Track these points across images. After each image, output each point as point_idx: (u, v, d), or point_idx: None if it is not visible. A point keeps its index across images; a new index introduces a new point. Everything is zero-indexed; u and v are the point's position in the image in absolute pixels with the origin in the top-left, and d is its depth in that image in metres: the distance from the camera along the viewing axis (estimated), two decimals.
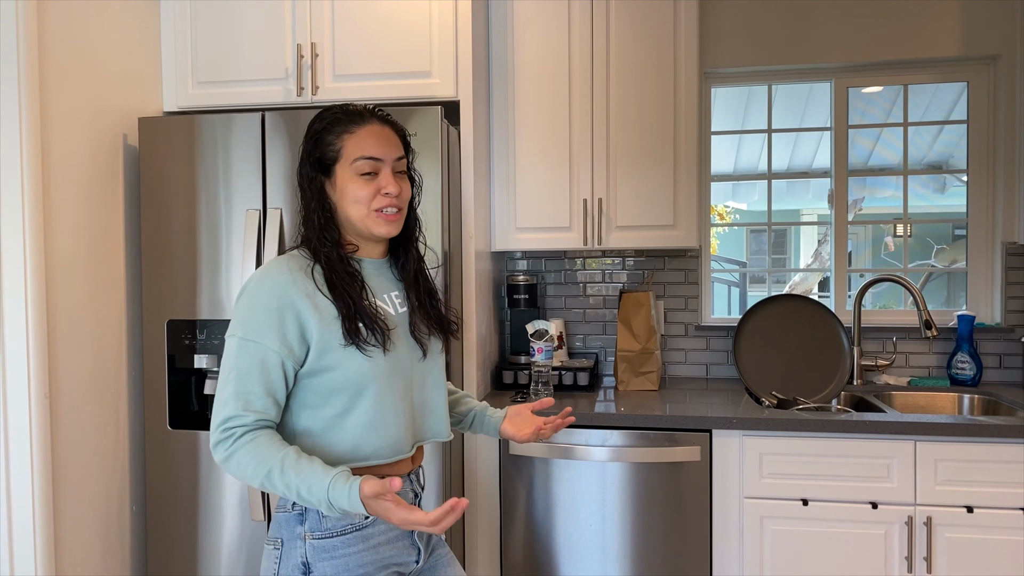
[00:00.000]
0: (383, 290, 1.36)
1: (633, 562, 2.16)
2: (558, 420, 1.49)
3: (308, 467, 1.15)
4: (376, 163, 1.29)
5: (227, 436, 1.19)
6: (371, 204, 1.29)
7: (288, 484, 1.15)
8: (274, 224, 2.09)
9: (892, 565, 2.03)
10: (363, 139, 1.29)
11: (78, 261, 2.01)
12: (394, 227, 1.32)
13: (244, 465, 1.17)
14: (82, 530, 2.01)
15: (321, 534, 1.24)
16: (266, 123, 2.11)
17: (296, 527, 1.25)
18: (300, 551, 1.24)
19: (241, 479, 1.20)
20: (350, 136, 1.29)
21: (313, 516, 1.24)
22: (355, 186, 1.28)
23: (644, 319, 2.54)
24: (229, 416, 1.19)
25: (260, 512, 2.11)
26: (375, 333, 1.26)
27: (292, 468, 1.15)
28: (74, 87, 1.99)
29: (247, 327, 1.21)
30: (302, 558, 1.24)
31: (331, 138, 1.29)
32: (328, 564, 1.23)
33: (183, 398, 2.21)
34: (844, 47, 2.67)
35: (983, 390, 2.49)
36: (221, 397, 1.20)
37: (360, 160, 1.28)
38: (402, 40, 2.22)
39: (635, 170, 2.45)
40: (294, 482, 1.14)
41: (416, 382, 1.36)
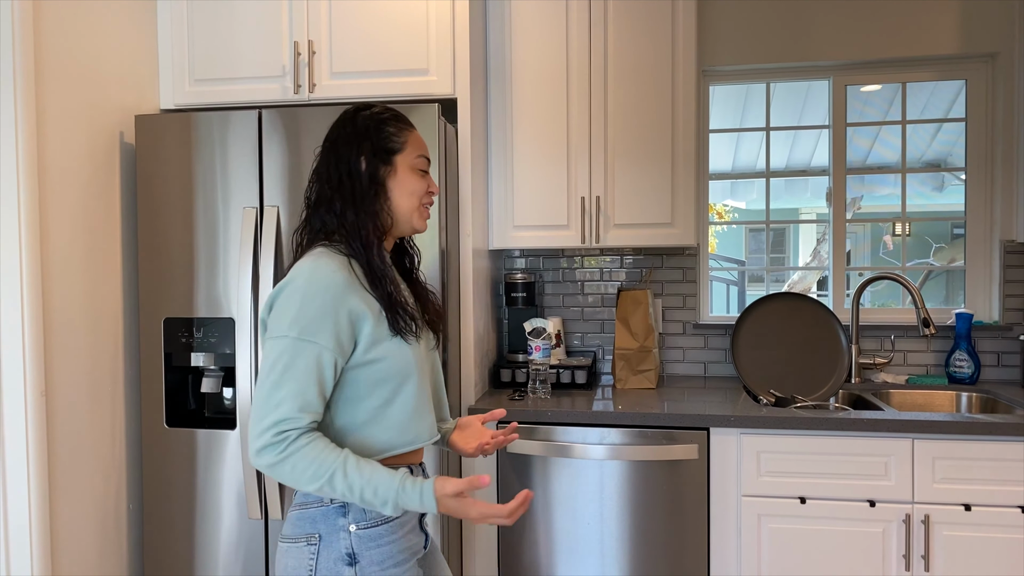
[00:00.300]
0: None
1: (631, 560, 2.15)
2: (501, 436, 1.49)
3: (370, 469, 1.19)
4: (427, 164, 1.38)
5: (281, 439, 1.17)
6: (421, 199, 1.36)
7: (351, 487, 1.18)
8: (271, 222, 2.09)
9: (890, 563, 2.03)
10: (420, 140, 1.38)
11: (74, 259, 2.00)
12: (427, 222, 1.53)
13: (301, 469, 1.17)
14: (79, 528, 2.01)
15: (366, 524, 1.27)
16: (263, 121, 2.11)
17: (338, 519, 1.27)
18: (345, 543, 1.26)
19: (292, 483, 1.19)
20: (410, 133, 1.35)
21: (356, 508, 1.27)
22: (413, 179, 1.34)
23: (642, 317, 2.54)
24: (284, 418, 1.18)
25: (257, 510, 2.11)
26: (413, 322, 1.31)
27: (355, 471, 1.18)
28: (70, 85, 1.98)
29: (303, 326, 1.20)
30: (347, 549, 1.26)
31: (391, 130, 1.33)
32: (375, 552, 1.26)
33: (180, 396, 2.21)
34: (842, 45, 2.67)
35: (981, 388, 2.49)
36: (274, 398, 1.18)
37: (419, 158, 1.36)
38: (399, 37, 2.22)
39: (633, 168, 2.45)
40: (358, 484, 1.18)
41: (434, 371, 1.45)
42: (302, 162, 2.09)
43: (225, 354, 2.15)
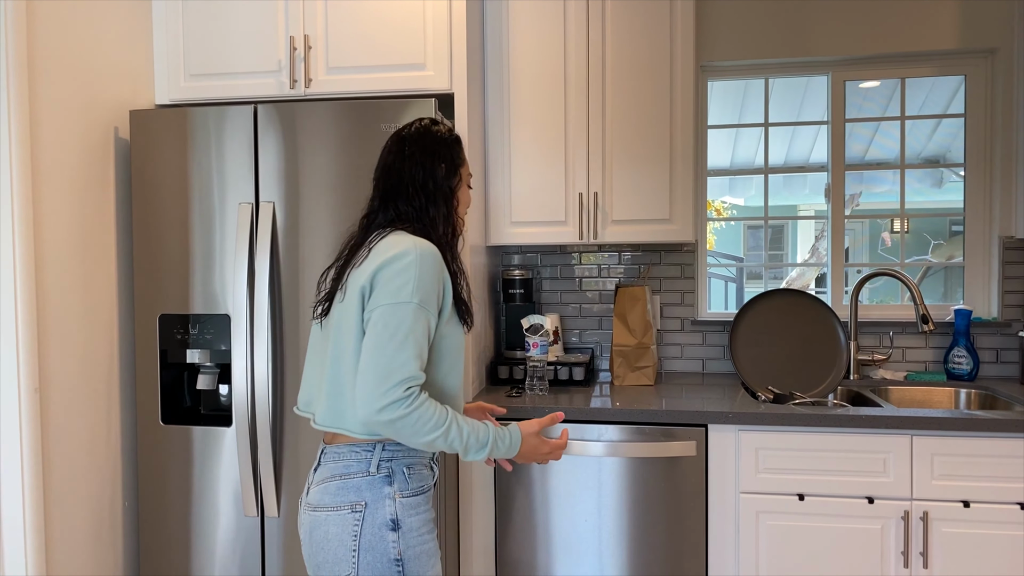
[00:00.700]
0: None
1: (629, 558, 2.15)
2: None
3: (470, 420, 1.40)
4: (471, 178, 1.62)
5: (408, 395, 1.30)
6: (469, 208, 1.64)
7: (462, 433, 1.35)
8: (267, 217, 2.08)
9: (888, 560, 2.02)
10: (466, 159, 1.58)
11: (68, 255, 1.99)
12: None
13: (425, 420, 1.31)
14: (73, 525, 1.99)
15: (409, 493, 1.40)
16: (259, 116, 2.09)
17: (384, 488, 1.38)
18: (390, 509, 1.37)
19: (411, 434, 1.31)
20: (465, 154, 1.56)
21: (399, 478, 1.40)
22: (468, 193, 1.58)
23: (640, 314, 2.53)
24: (412, 376, 1.31)
25: (253, 508, 2.10)
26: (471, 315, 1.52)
27: (463, 421, 1.37)
28: (64, 79, 1.97)
29: (423, 295, 1.35)
30: (392, 515, 1.37)
31: (458, 148, 1.54)
32: (414, 519, 1.40)
33: (176, 393, 2.20)
34: (841, 40, 2.66)
35: (980, 385, 2.48)
36: (399, 358, 1.30)
37: (470, 175, 1.58)
38: (396, 32, 2.20)
39: (631, 164, 2.44)
40: (467, 431, 1.36)
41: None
42: (298, 158, 2.08)
43: (221, 351, 2.13)
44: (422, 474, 1.44)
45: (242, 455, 2.08)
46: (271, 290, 2.09)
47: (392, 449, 1.40)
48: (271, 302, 2.09)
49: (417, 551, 1.39)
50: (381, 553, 1.35)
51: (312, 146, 2.07)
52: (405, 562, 1.37)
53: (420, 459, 1.45)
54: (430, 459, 1.49)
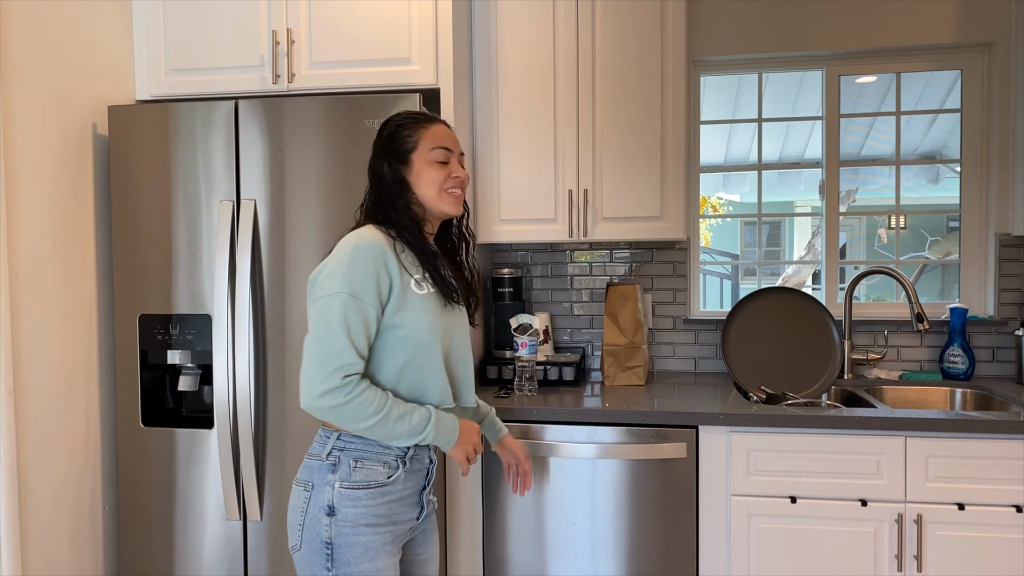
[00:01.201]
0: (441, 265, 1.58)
1: (618, 560, 2.11)
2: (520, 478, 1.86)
3: (407, 405, 1.44)
4: (448, 152, 1.54)
5: (347, 382, 1.36)
6: (442, 186, 1.52)
7: (401, 417, 1.40)
8: (248, 215, 2.03)
9: (882, 563, 1.99)
10: (439, 134, 1.54)
11: (45, 254, 1.94)
12: (457, 207, 1.56)
13: (365, 405, 1.37)
14: (51, 530, 1.95)
15: (349, 485, 1.44)
16: (240, 111, 2.05)
17: (328, 475, 1.45)
18: (328, 495, 1.44)
19: (351, 421, 1.37)
20: (426, 131, 1.53)
21: (343, 469, 1.45)
22: (431, 170, 1.51)
23: (631, 312, 2.49)
24: (347, 363, 1.37)
25: (236, 511, 2.06)
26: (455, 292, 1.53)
27: (402, 404, 1.43)
28: (39, 75, 1.92)
29: (353, 285, 1.39)
30: (329, 501, 1.43)
31: (407, 133, 1.52)
32: (350, 510, 1.43)
33: (157, 395, 2.16)
34: (836, 34, 2.61)
35: (976, 384, 2.44)
36: (334, 347, 1.37)
37: (436, 149, 1.52)
38: (381, 26, 2.16)
39: (621, 160, 2.39)
40: (406, 416, 1.41)
41: (455, 346, 1.57)
42: (282, 154, 2.04)
43: (203, 351, 2.09)
44: (373, 469, 1.45)
45: (224, 458, 2.04)
46: (253, 290, 2.05)
47: (346, 440, 1.46)
48: (253, 302, 2.05)
49: (349, 540, 1.43)
50: (316, 533, 1.44)
51: (296, 142, 2.03)
52: (334, 547, 1.43)
53: (375, 455, 1.46)
54: (396, 457, 1.48)
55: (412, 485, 1.52)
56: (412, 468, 1.51)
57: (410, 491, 1.52)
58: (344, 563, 1.43)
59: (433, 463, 1.57)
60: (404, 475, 1.49)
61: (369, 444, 1.47)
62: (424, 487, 1.56)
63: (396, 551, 1.51)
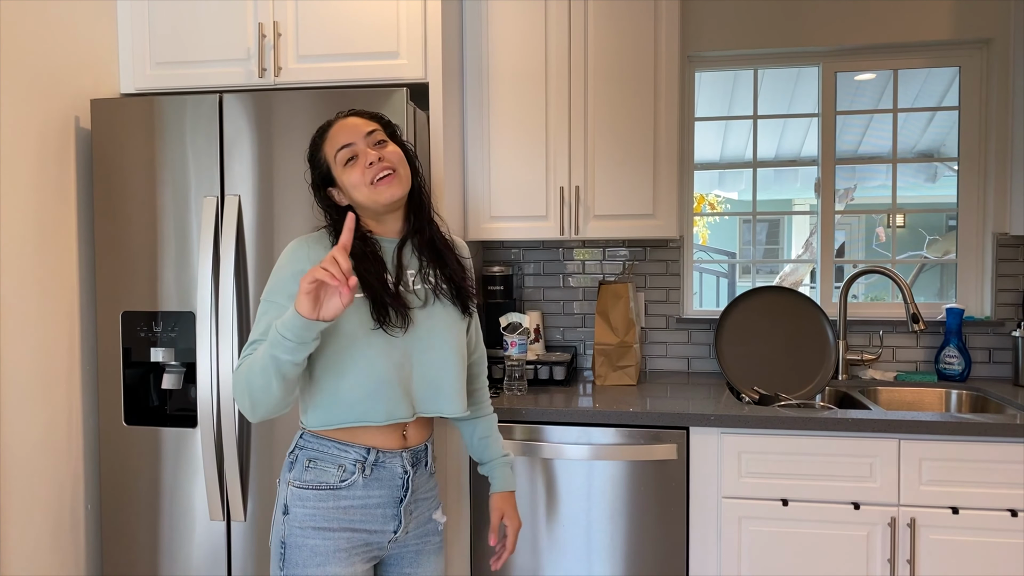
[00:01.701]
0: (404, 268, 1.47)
1: (606, 562, 2.08)
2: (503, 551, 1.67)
3: (256, 354, 1.32)
4: (351, 148, 1.41)
5: (239, 365, 1.36)
6: (364, 180, 1.40)
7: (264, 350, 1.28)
8: (232, 211, 2.00)
9: (874, 567, 1.96)
10: (334, 137, 1.43)
11: (25, 249, 1.91)
12: (396, 188, 1.41)
13: (239, 379, 1.33)
14: (31, 529, 1.92)
15: (300, 484, 1.42)
16: (224, 105, 2.02)
17: (287, 473, 1.45)
18: (284, 492, 1.43)
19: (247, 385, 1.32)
20: (325, 143, 1.45)
21: (298, 468, 1.43)
22: (347, 175, 1.41)
23: (623, 311, 2.46)
24: (243, 355, 1.38)
25: (219, 512, 2.03)
26: (398, 315, 1.39)
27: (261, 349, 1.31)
28: (19, 68, 1.88)
29: (268, 290, 1.41)
30: (284, 499, 1.43)
31: (318, 155, 1.46)
32: (300, 510, 1.40)
33: (140, 393, 2.13)
34: (833, 29, 2.58)
35: (971, 386, 2.41)
36: (249, 342, 1.40)
37: (339, 152, 1.42)
38: (368, 19, 2.12)
39: (614, 157, 2.36)
40: (268, 343, 1.28)
41: (417, 353, 1.44)
42: (268, 149, 2.00)
43: (187, 349, 2.06)
44: (325, 471, 1.41)
45: (207, 458, 2.01)
46: (237, 287, 2.02)
47: (306, 439, 1.44)
48: (237, 300, 2.02)
49: (298, 542, 1.40)
50: (276, 531, 1.44)
51: (283, 137, 2.00)
52: (287, 547, 1.41)
53: (329, 456, 1.42)
54: (354, 462, 1.41)
55: (380, 494, 1.43)
56: (376, 475, 1.42)
57: (377, 500, 1.42)
58: (292, 564, 1.40)
59: (408, 474, 1.46)
60: (363, 480, 1.41)
61: (325, 444, 1.42)
62: (402, 499, 1.45)
63: (356, 560, 1.42)
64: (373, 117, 1.48)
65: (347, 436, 1.42)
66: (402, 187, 1.42)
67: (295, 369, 1.29)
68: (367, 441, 1.43)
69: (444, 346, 1.46)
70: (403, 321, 1.40)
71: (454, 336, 1.49)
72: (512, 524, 1.65)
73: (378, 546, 1.46)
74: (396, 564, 1.52)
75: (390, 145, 1.44)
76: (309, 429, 1.43)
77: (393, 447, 1.45)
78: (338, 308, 1.23)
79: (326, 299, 1.23)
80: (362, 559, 1.44)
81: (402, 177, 1.42)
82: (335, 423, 1.41)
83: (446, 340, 1.47)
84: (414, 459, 1.48)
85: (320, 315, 1.23)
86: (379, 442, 1.43)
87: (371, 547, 1.45)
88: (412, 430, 1.48)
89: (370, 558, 1.46)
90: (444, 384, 1.47)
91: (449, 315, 1.48)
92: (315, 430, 1.43)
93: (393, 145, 1.45)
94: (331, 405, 1.40)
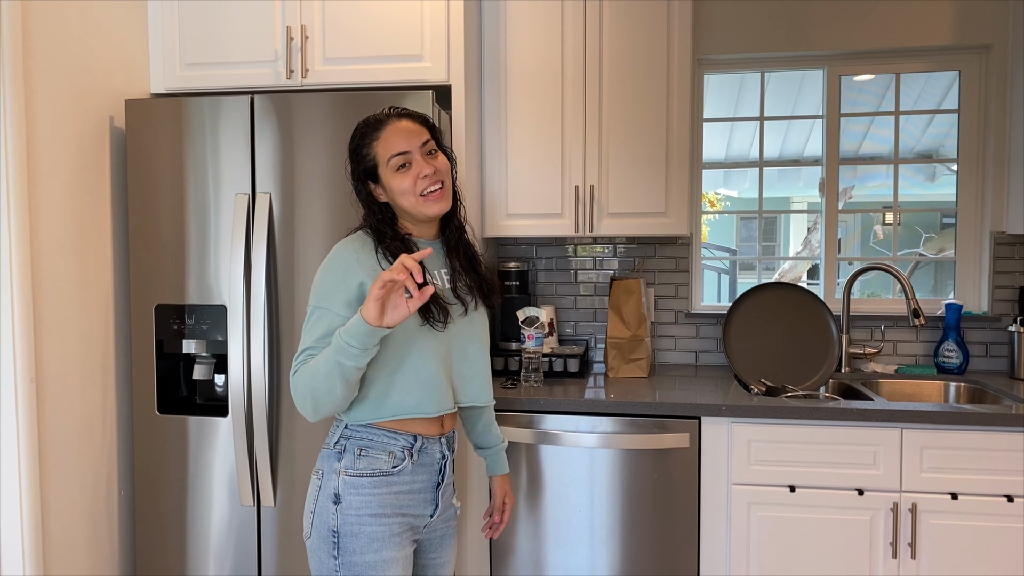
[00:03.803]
0: (434, 267, 1.55)
1: (621, 548, 2.17)
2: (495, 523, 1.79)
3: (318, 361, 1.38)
4: (406, 156, 1.47)
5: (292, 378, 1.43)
6: (416, 190, 1.47)
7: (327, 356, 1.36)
8: (263, 209, 2.08)
9: (877, 551, 2.05)
10: (388, 140, 1.47)
11: (64, 245, 1.98)
12: (444, 203, 1.50)
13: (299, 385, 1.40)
14: (70, 513, 2.00)
15: (353, 472, 1.46)
16: (255, 106, 2.09)
17: (335, 463, 1.48)
18: (335, 483, 1.46)
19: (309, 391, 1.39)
20: (377, 142, 1.48)
21: (349, 456, 1.47)
22: (397, 181, 1.47)
23: (634, 306, 2.55)
24: (295, 364, 1.44)
25: (249, 497, 2.11)
26: (439, 312, 1.46)
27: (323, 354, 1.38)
28: (59, 69, 1.96)
29: (319, 297, 1.45)
30: (335, 489, 1.46)
31: (365, 151, 1.50)
32: (355, 498, 1.45)
33: (172, 383, 2.20)
34: (837, 34, 2.67)
35: (969, 378, 2.51)
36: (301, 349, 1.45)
37: (392, 158, 1.47)
38: (393, 23, 2.20)
39: (627, 157, 2.44)
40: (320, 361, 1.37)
41: (457, 348, 1.54)
42: (294, 149, 2.08)
43: (217, 341, 2.14)
44: (377, 458, 1.47)
45: (238, 445, 2.09)
46: (267, 281, 2.09)
47: (353, 428, 1.49)
48: (267, 293, 2.09)
49: (354, 530, 1.44)
50: (324, 521, 1.46)
51: (308, 137, 2.07)
52: (340, 536, 1.44)
53: (379, 444, 1.48)
54: (402, 448, 1.48)
55: (423, 479, 1.52)
56: (421, 461, 1.51)
57: (421, 485, 1.52)
58: (349, 552, 1.43)
59: (446, 459, 1.57)
60: (411, 466, 1.50)
61: (374, 433, 1.48)
62: (439, 483, 1.55)
63: (406, 544, 1.50)
64: (423, 122, 1.54)
65: (395, 425, 1.50)
66: (448, 202, 1.52)
67: (358, 373, 1.37)
68: (413, 429, 1.51)
69: (478, 340, 1.58)
70: (444, 317, 1.48)
71: (484, 330, 1.61)
72: (511, 502, 1.80)
73: (418, 530, 1.54)
74: (423, 551, 1.61)
75: (440, 157, 1.52)
76: (356, 422, 1.49)
77: (434, 434, 1.54)
78: (404, 314, 1.31)
79: (390, 307, 1.31)
80: (410, 542, 1.52)
81: (448, 191, 1.52)
82: (387, 416, 1.47)
83: (479, 335, 1.59)
84: (449, 445, 1.58)
85: (385, 322, 1.31)
86: (423, 429, 1.52)
87: (416, 531, 1.53)
88: (447, 418, 1.58)
89: (414, 541, 1.54)
90: (480, 375, 1.59)
91: (480, 311, 1.61)
92: (364, 422, 1.49)
93: (442, 156, 1.52)
94: (383, 399, 1.47)
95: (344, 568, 1.44)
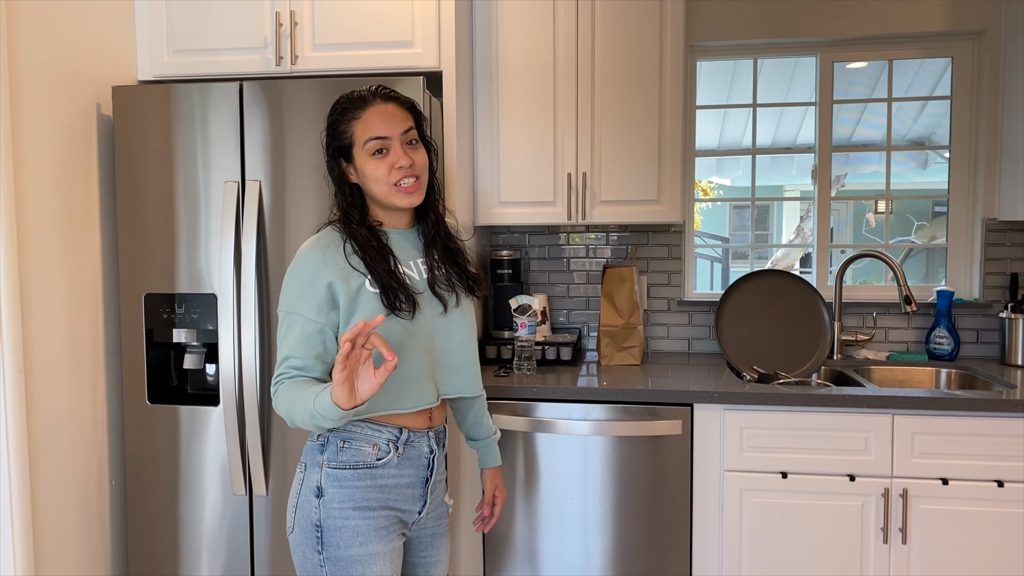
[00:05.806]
0: (409, 257, 1.50)
1: (614, 534, 2.18)
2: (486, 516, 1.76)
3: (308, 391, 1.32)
4: (384, 141, 1.41)
5: (272, 389, 1.41)
6: (389, 179, 1.41)
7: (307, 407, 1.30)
8: (253, 196, 2.06)
9: (868, 536, 2.06)
10: (369, 121, 1.41)
11: (52, 233, 1.96)
12: (415, 197, 1.45)
13: (280, 404, 1.38)
14: (60, 505, 1.99)
15: (336, 465, 1.43)
16: (244, 93, 2.07)
17: (317, 455, 1.45)
18: (317, 476, 1.43)
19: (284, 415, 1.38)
20: (357, 121, 1.42)
21: (332, 448, 1.43)
22: (371, 166, 1.41)
23: (627, 294, 2.54)
24: (277, 375, 1.41)
25: (242, 486, 2.11)
26: (405, 300, 1.41)
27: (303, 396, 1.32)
28: (44, 55, 1.93)
29: (289, 302, 1.41)
30: (318, 482, 1.43)
31: (343, 127, 1.43)
32: (338, 491, 1.42)
33: (162, 372, 2.19)
34: (830, 21, 2.66)
35: (960, 365, 2.52)
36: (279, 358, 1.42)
37: (369, 141, 1.41)
38: (383, 8, 2.18)
39: (620, 144, 2.43)
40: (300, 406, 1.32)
41: (439, 340, 1.50)
42: (284, 136, 2.06)
43: (207, 330, 2.12)
44: (360, 450, 1.43)
45: (230, 434, 2.08)
46: (258, 269, 2.08)
47: None
48: (258, 281, 2.08)
49: (337, 523, 1.41)
50: (307, 515, 1.43)
51: (298, 124, 2.05)
52: (323, 531, 1.41)
53: (364, 436, 1.43)
54: (387, 441, 1.45)
55: (410, 474, 1.48)
56: (407, 455, 1.47)
57: (408, 480, 1.48)
58: (333, 546, 1.40)
59: (434, 453, 1.52)
60: (397, 459, 1.45)
61: (358, 426, 1.44)
62: (427, 479, 1.51)
63: (394, 537, 1.46)
64: (410, 108, 1.47)
65: (380, 418, 1.45)
66: (421, 196, 1.46)
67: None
68: (399, 422, 1.47)
69: (462, 330, 1.54)
70: (412, 307, 1.42)
71: (469, 320, 1.57)
72: (502, 495, 1.76)
73: (407, 526, 1.51)
74: (414, 549, 1.58)
75: (420, 150, 1.46)
76: None
77: (421, 427, 1.50)
78: (374, 387, 1.23)
79: (360, 381, 1.24)
80: (398, 535, 1.48)
81: (423, 185, 1.46)
82: (364, 413, 1.42)
83: (463, 325, 1.54)
84: (438, 439, 1.54)
85: (358, 400, 1.24)
86: (409, 422, 1.48)
87: (404, 525, 1.50)
88: (436, 411, 1.54)
89: (402, 535, 1.50)
90: (466, 366, 1.55)
91: (465, 302, 1.56)
92: None
93: (422, 148, 1.47)
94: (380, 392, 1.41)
95: (329, 563, 1.41)
